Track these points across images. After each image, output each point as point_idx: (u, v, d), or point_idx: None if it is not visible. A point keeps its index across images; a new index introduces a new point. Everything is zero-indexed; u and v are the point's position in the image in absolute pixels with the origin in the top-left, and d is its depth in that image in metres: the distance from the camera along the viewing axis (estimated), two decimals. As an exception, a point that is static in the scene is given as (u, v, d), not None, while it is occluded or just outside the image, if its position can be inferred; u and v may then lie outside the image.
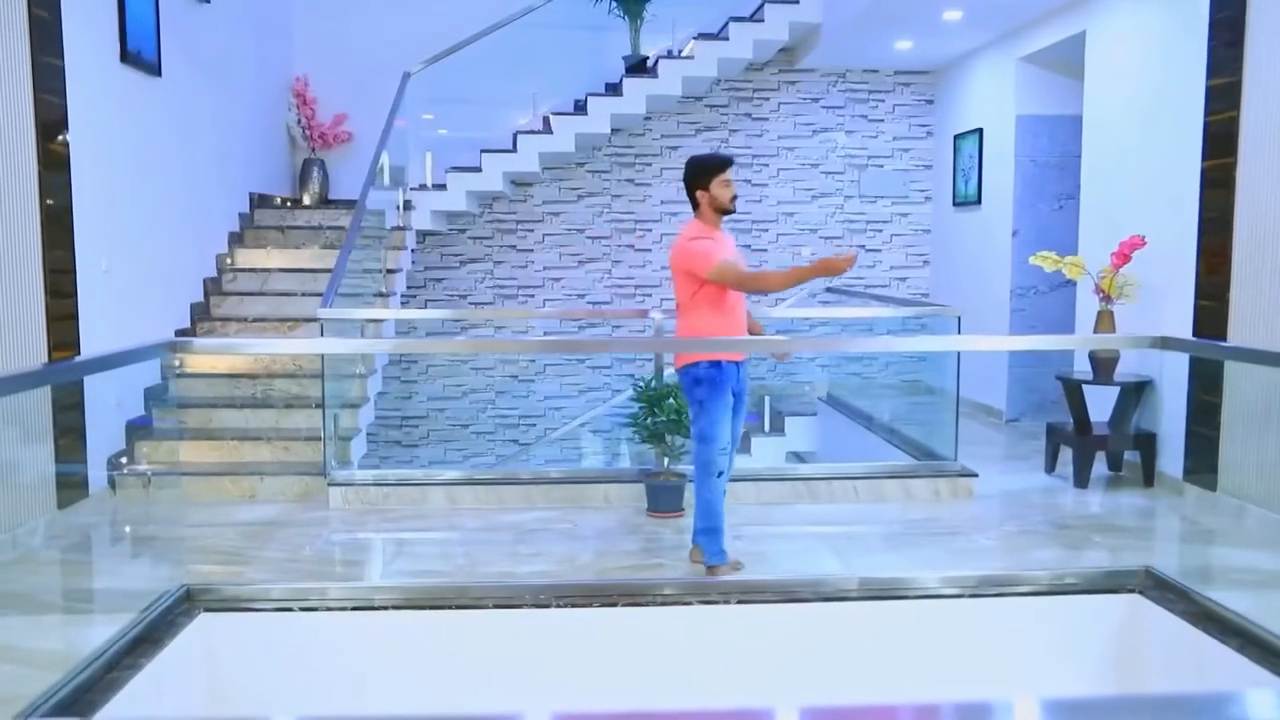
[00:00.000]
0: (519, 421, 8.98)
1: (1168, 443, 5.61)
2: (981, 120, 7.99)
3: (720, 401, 4.25)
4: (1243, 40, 5.06)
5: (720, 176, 4.24)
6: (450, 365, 8.82)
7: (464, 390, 8.92)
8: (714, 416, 4.26)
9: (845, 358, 8.74)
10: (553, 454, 8.59)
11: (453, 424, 8.92)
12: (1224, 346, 4.89)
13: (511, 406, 8.97)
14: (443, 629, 3.62)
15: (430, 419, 8.91)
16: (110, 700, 2.87)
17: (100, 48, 5.52)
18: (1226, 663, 3.23)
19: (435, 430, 8.91)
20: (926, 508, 5.36)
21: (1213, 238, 5.26)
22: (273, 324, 6.68)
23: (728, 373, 4.25)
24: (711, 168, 4.26)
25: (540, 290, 8.96)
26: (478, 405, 8.94)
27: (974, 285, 8.15)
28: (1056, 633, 3.77)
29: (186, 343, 3.67)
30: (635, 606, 3.64)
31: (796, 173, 8.96)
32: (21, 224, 4.79)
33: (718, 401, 4.24)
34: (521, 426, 8.98)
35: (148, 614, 3.39)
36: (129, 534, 5.17)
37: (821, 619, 3.70)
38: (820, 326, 7.71)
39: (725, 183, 4.25)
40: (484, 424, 8.94)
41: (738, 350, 4.32)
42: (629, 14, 8.07)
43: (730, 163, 4.31)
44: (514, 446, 8.83)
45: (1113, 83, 6.24)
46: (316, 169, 8.53)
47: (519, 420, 8.98)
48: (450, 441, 8.89)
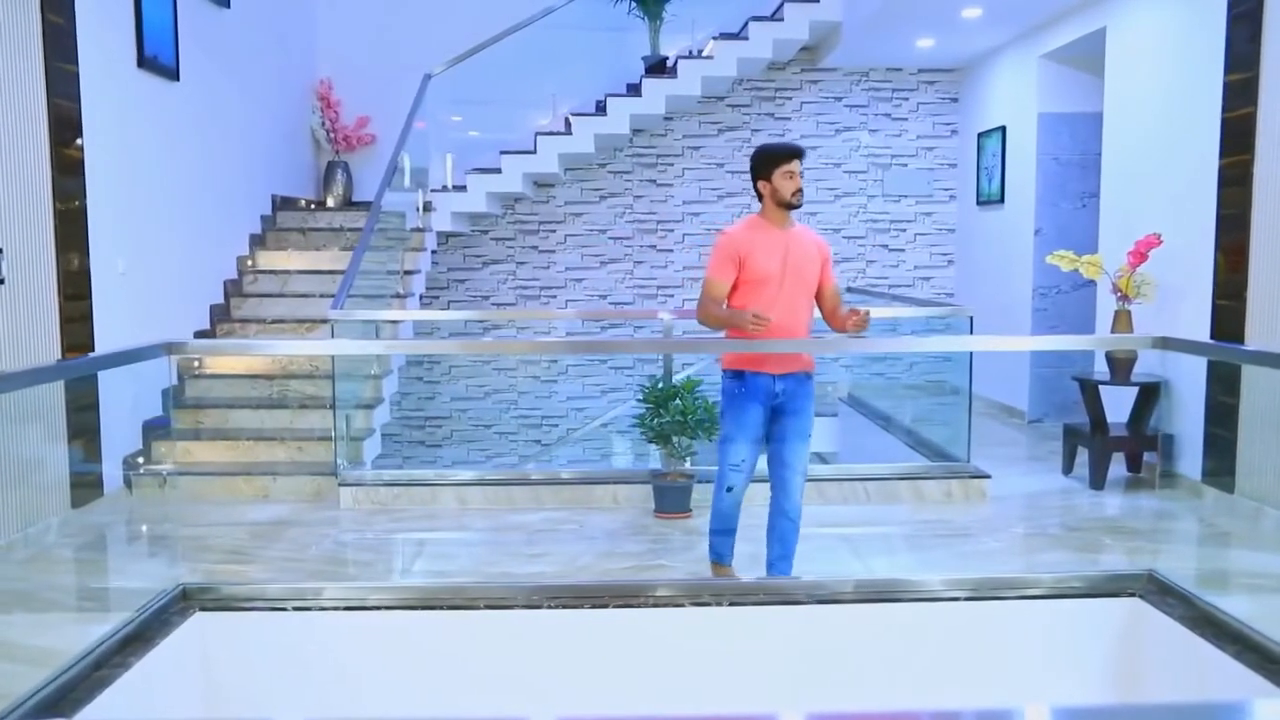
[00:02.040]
0: (541, 422, 9.00)
1: (1186, 444, 5.51)
2: (1005, 118, 7.89)
3: (740, 417, 3.96)
4: (1260, 35, 4.96)
5: (784, 167, 3.89)
6: (473, 366, 8.86)
7: (486, 391, 8.96)
8: (729, 431, 4.01)
9: (869, 358, 8.67)
10: (575, 454, 8.61)
11: (476, 424, 8.96)
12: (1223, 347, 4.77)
13: (534, 407, 8.99)
14: (436, 629, 3.63)
15: (454, 419, 8.96)
16: (94, 699, 2.90)
17: (116, 53, 5.60)
18: (1223, 669, 3.16)
19: (458, 430, 8.95)
20: (937, 509, 5.30)
21: (1231, 236, 5.16)
22: (291, 325, 6.74)
23: (753, 386, 3.93)
24: (776, 157, 3.92)
25: (562, 291, 8.97)
26: (500, 406, 8.98)
27: (997, 285, 8.06)
28: (1056, 637, 3.71)
29: (182, 344, 3.70)
30: (627, 608, 3.62)
31: (820, 172, 8.89)
32: (35, 227, 4.87)
33: (738, 416, 3.96)
34: (544, 427, 9.00)
35: (141, 613, 3.43)
36: (139, 533, 5.25)
37: (816, 622, 3.66)
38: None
39: (789, 174, 3.90)
40: (507, 424, 8.97)
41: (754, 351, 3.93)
42: (648, 14, 8.07)
43: (797, 153, 3.94)
44: (536, 447, 8.86)
45: (1132, 79, 6.14)
46: (340, 171, 8.60)
47: (541, 421, 9.00)
48: (473, 442, 8.93)
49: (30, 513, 4.78)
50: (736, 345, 4.02)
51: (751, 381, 3.92)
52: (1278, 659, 3.04)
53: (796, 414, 3.95)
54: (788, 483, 3.95)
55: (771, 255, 3.91)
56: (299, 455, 5.90)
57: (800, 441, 3.96)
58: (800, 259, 3.94)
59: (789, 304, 3.92)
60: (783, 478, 3.97)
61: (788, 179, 3.90)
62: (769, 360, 3.91)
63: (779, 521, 3.94)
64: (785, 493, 3.96)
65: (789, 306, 3.92)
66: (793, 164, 3.90)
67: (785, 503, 3.94)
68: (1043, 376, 7.47)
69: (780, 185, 3.90)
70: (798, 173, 3.91)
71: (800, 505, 3.96)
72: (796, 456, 3.96)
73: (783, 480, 3.97)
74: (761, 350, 3.96)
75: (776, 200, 3.93)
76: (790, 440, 3.95)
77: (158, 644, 3.33)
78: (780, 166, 3.90)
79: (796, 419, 3.95)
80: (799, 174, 3.91)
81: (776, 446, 4.00)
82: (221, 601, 3.67)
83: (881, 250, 9.01)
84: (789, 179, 3.90)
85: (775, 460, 3.99)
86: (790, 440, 3.95)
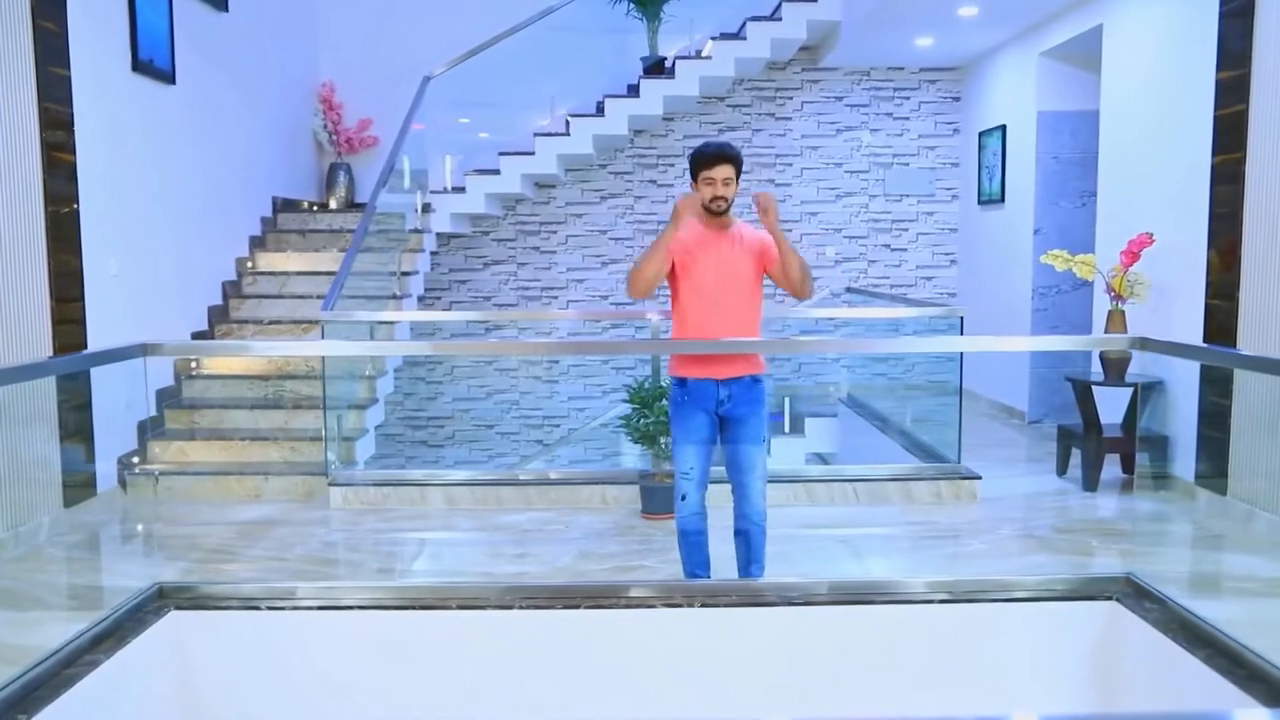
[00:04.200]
0: (543, 422, 9.01)
1: (1180, 445, 5.46)
2: (1005, 117, 7.85)
3: (685, 424, 3.86)
4: (1252, 32, 4.91)
5: (703, 173, 3.77)
6: (475, 366, 8.88)
7: (488, 391, 8.98)
8: (675, 438, 3.91)
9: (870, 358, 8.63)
10: (577, 454, 8.63)
11: (478, 424, 8.98)
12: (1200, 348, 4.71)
13: (536, 407, 9.01)
14: (408, 629, 3.64)
15: (456, 419, 8.98)
16: (59, 698, 2.93)
17: (110, 58, 5.65)
18: (1194, 674, 3.13)
19: (461, 431, 8.98)
20: (926, 511, 5.28)
21: (1223, 235, 5.11)
22: (287, 326, 6.78)
23: (696, 392, 3.83)
24: (697, 162, 3.80)
25: (563, 292, 8.98)
26: (502, 406, 8.99)
27: (998, 285, 8.01)
28: (1032, 640, 3.68)
29: (159, 345, 3.73)
30: (599, 609, 3.63)
31: (820, 172, 8.87)
32: (25, 229, 4.92)
33: (683, 423, 3.87)
34: (546, 427, 9.02)
35: (115, 611, 3.46)
36: (129, 533, 5.29)
37: (788, 624, 3.65)
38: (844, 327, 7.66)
39: (708, 180, 3.76)
40: (509, 424, 8.99)
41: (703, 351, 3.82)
42: (646, 15, 8.06)
43: (720, 159, 3.75)
44: (538, 447, 8.88)
45: (1128, 77, 6.09)
46: (343, 173, 8.64)
47: (543, 421, 9.01)
48: (475, 442, 8.95)
49: (21, 511, 4.82)
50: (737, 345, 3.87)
51: (694, 388, 3.83)
52: (1246, 664, 3.01)
53: (745, 420, 3.85)
54: (747, 488, 3.87)
55: (705, 261, 3.82)
56: (291, 455, 5.93)
57: (751, 445, 3.86)
58: (736, 261, 3.84)
59: (727, 310, 3.84)
60: (740, 483, 3.89)
61: (706, 185, 3.77)
62: (711, 365, 3.82)
63: (742, 526, 3.91)
64: (745, 498, 3.88)
65: (728, 313, 3.84)
66: (713, 170, 3.75)
67: (746, 508, 3.88)
68: (1043, 377, 7.42)
69: (701, 191, 3.80)
70: (718, 179, 3.75)
71: (763, 509, 3.89)
72: (749, 461, 3.86)
73: (740, 486, 3.89)
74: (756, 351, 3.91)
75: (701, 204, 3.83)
76: (742, 444, 3.86)
77: (129, 642, 3.36)
78: (700, 172, 3.79)
79: (745, 425, 3.85)
80: (720, 181, 3.75)
81: (730, 452, 3.90)
82: (198, 600, 3.70)
83: (883, 250, 8.97)
84: (708, 185, 3.77)
85: (730, 466, 3.92)
86: (742, 444, 3.86)
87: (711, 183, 3.76)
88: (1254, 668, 2.98)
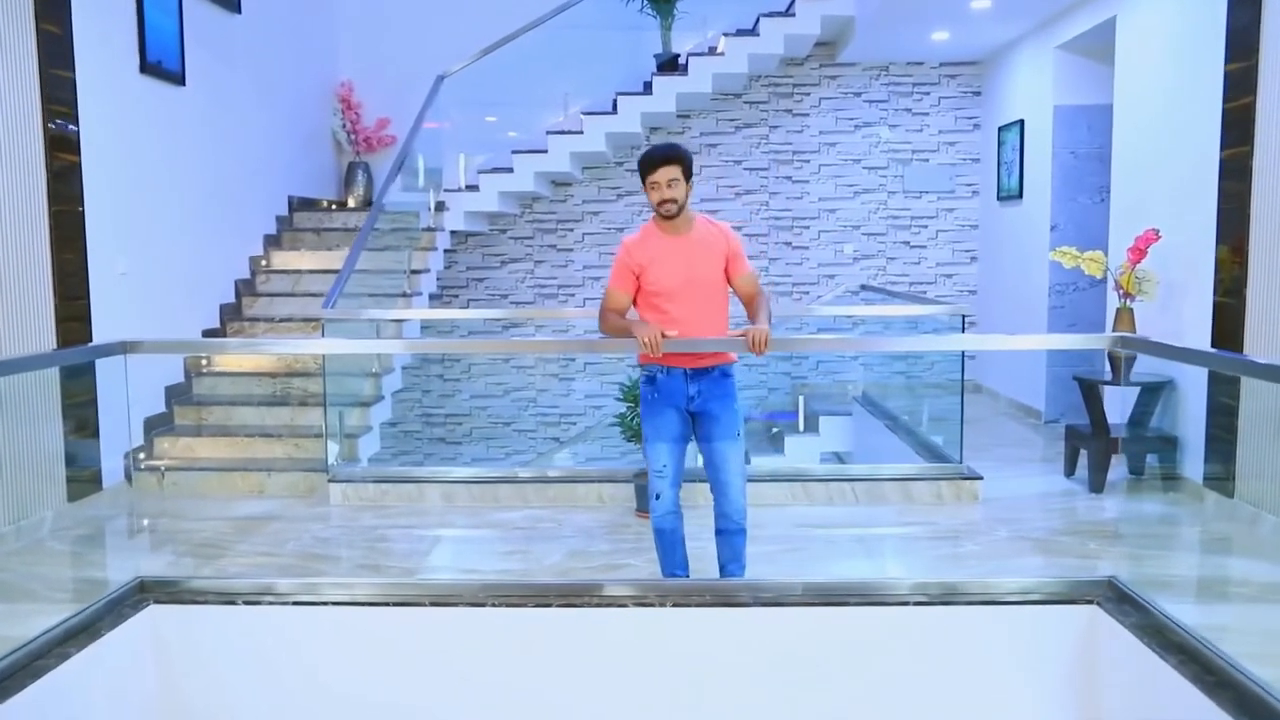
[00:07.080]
0: (560, 419, 9.03)
1: (1189, 446, 5.34)
2: (1023, 111, 7.73)
3: (655, 420, 3.82)
4: (1260, 23, 4.79)
5: (648, 178, 3.70)
6: (491, 364, 8.92)
7: (505, 389, 9.01)
8: (647, 435, 3.87)
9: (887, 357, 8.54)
10: (593, 451, 8.64)
11: (494, 421, 9.02)
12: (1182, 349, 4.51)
13: (553, 405, 9.02)
14: (384, 625, 3.66)
15: (473, 416, 9.03)
16: (26, 688, 2.98)
17: (117, 60, 5.73)
18: (1166, 680, 3.06)
19: (478, 428, 9.02)
20: (925, 511, 5.21)
21: (1231, 231, 4.99)
22: (298, 324, 6.84)
23: (665, 388, 3.79)
24: (641, 168, 3.74)
25: (580, 289, 8.99)
26: (519, 403, 9.02)
27: (1017, 282, 7.90)
28: (1010, 644, 3.62)
29: (138, 343, 3.76)
30: (571, 607, 3.62)
31: (838, 168, 8.80)
32: (30, 228, 5.01)
33: (653, 419, 3.83)
34: (563, 424, 9.03)
35: (93, 604, 3.51)
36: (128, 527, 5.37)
37: (762, 625, 3.62)
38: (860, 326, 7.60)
39: (653, 185, 3.70)
40: (525, 421, 9.01)
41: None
42: (660, 12, 8.03)
43: (662, 162, 3.67)
44: (553, 444, 8.90)
45: (1141, 70, 5.97)
46: (361, 172, 8.71)
47: (560, 418, 9.03)
48: (492, 439, 8.99)
49: (24, 505, 4.91)
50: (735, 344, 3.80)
51: (664, 383, 3.79)
52: (1216, 671, 2.94)
53: (717, 416, 3.80)
54: (726, 486, 3.81)
55: (667, 266, 3.76)
56: (296, 452, 5.99)
57: (726, 441, 3.80)
58: (700, 264, 3.78)
59: (695, 312, 3.78)
60: (718, 481, 3.83)
61: (653, 190, 3.71)
62: (681, 356, 3.77)
63: (722, 525, 3.87)
64: (724, 496, 3.83)
65: (695, 314, 3.78)
66: (657, 173, 3.67)
67: (726, 506, 3.83)
68: (1060, 376, 7.29)
69: (649, 196, 3.75)
70: (663, 182, 3.66)
71: (743, 507, 3.84)
72: (725, 458, 3.80)
73: (718, 484, 3.83)
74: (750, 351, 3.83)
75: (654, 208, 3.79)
76: (716, 441, 3.81)
77: (104, 635, 3.40)
78: (646, 178, 3.72)
79: (718, 422, 3.80)
80: (665, 183, 3.67)
81: (705, 450, 3.86)
82: (178, 594, 3.74)
83: (902, 247, 8.88)
84: (654, 190, 3.70)
85: (707, 464, 3.87)
86: (716, 441, 3.81)
87: (657, 186, 3.70)
88: (1222, 674, 2.91)
